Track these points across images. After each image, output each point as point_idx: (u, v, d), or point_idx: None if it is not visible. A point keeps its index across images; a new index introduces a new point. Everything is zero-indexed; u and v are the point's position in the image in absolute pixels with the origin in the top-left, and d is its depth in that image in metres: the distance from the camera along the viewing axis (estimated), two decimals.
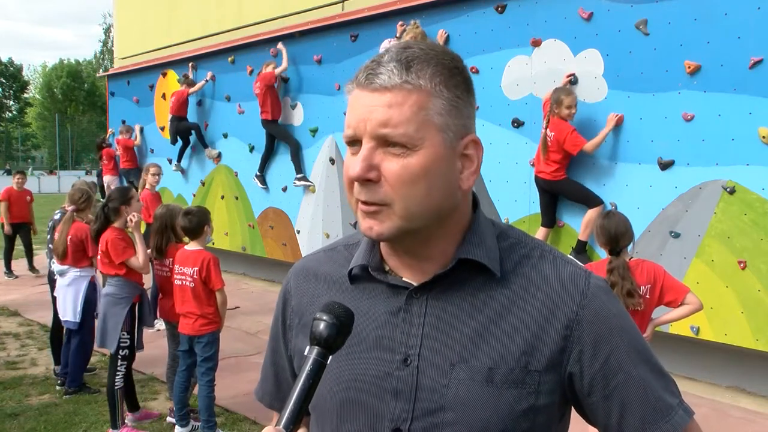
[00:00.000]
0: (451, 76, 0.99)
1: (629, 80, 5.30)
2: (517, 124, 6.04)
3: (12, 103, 67.07)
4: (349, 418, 1.05)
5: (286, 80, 8.45)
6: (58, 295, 5.36)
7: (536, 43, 5.86)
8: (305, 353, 0.93)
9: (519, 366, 1.00)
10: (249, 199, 9.30)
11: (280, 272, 8.88)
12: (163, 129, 10.83)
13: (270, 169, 8.81)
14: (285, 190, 8.62)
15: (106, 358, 5.30)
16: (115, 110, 12.52)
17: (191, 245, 4.39)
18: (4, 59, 64.12)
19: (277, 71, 8.13)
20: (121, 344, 4.45)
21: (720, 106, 4.82)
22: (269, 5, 9.00)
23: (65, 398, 5.19)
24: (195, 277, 4.25)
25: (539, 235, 5.71)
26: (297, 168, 8.23)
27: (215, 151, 9.82)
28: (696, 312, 3.51)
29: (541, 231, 5.75)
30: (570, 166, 5.58)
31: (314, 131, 8.15)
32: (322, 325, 0.93)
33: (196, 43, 10.30)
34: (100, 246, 4.47)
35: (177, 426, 4.45)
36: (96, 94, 61.73)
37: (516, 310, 1.02)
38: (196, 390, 4.54)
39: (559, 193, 5.71)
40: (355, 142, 0.99)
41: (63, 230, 5.17)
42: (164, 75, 10.99)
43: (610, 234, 3.47)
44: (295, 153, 8.22)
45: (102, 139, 12.39)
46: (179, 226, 4.48)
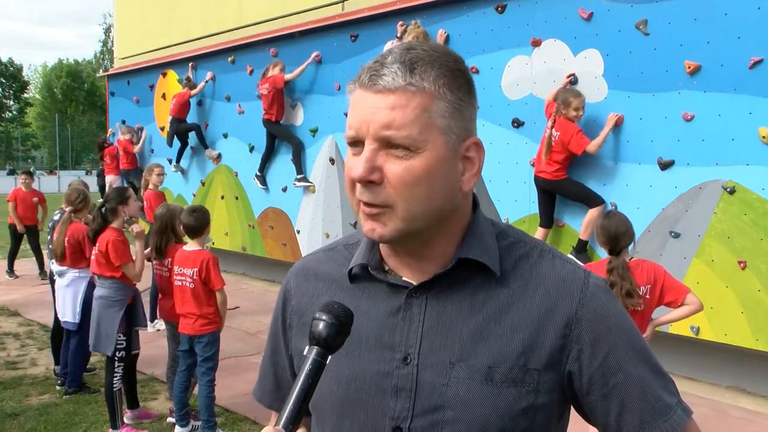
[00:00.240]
0: (455, 78, 0.99)
1: (629, 80, 5.30)
2: (517, 124, 6.04)
3: (12, 103, 67.10)
4: (349, 416, 1.05)
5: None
6: (57, 296, 5.36)
7: (536, 43, 5.86)
8: (304, 353, 0.93)
9: (518, 365, 1.00)
10: (249, 199, 9.30)
11: (280, 272, 8.87)
12: (163, 129, 10.82)
13: (270, 169, 8.81)
14: (285, 190, 8.62)
15: (105, 358, 5.30)
16: (115, 110, 12.52)
17: (190, 245, 4.37)
18: (4, 59, 64.23)
19: (287, 77, 8.04)
20: (118, 346, 4.43)
21: (720, 106, 4.82)
22: (269, 5, 9.00)
23: (65, 398, 5.19)
24: (195, 277, 4.24)
25: (538, 235, 5.71)
26: (298, 168, 8.22)
27: (215, 152, 9.82)
28: (696, 313, 3.51)
29: (540, 231, 5.75)
30: (570, 166, 5.58)
31: (314, 131, 8.15)
32: (322, 325, 0.93)
33: (196, 43, 10.30)
34: (98, 246, 4.44)
35: (177, 426, 4.44)
36: (96, 94, 61.74)
37: (515, 309, 1.03)
38: (196, 390, 4.54)
39: (560, 193, 5.70)
40: (357, 143, 0.99)
41: (60, 231, 5.17)
42: (164, 75, 10.99)
43: (610, 234, 3.47)
44: (298, 153, 8.21)
45: (103, 139, 12.38)
46: (182, 223, 4.43)
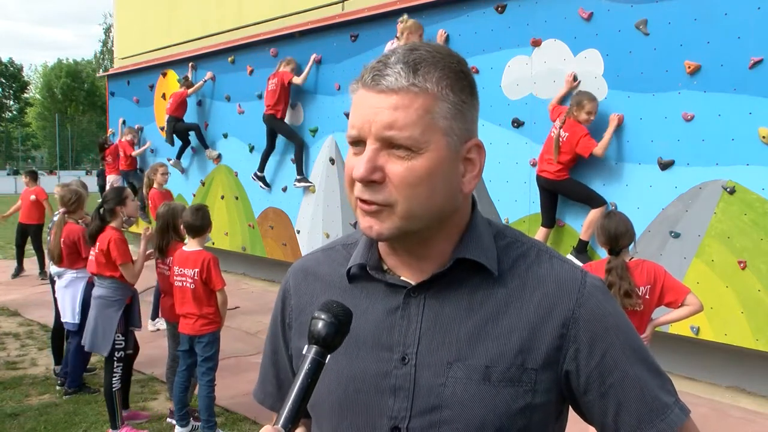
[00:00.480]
0: (458, 79, 0.99)
1: (629, 80, 5.30)
2: (517, 124, 6.04)
3: (12, 103, 67.10)
4: (347, 416, 1.06)
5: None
6: (57, 297, 5.37)
7: (536, 43, 5.86)
8: (303, 352, 0.93)
9: (515, 364, 1.00)
10: (249, 199, 9.30)
11: (280, 272, 8.87)
12: (163, 129, 10.82)
13: (270, 169, 8.79)
14: (285, 190, 8.62)
15: (105, 358, 5.29)
16: (115, 110, 12.52)
17: (190, 245, 4.36)
18: (4, 59, 64.20)
19: (295, 80, 7.94)
20: (116, 346, 4.42)
21: (720, 106, 4.82)
22: (269, 5, 9.00)
23: (65, 398, 5.19)
24: (195, 278, 4.23)
25: (539, 234, 5.71)
26: (298, 169, 8.18)
27: (215, 152, 9.81)
28: (696, 313, 3.51)
29: (542, 231, 5.74)
30: (572, 166, 5.57)
31: (314, 131, 8.15)
32: (320, 324, 0.93)
33: (196, 43, 10.30)
34: (99, 245, 4.42)
35: (177, 426, 4.44)
36: (96, 94, 61.74)
37: (513, 309, 1.03)
38: (196, 390, 4.53)
39: (562, 193, 5.70)
40: (359, 143, 0.99)
41: (56, 233, 5.18)
42: (164, 75, 10.99)
43: (609, 233, 3.47)
44: (300, 153, 8.14)
45: (104, 139, 12.39)
46: (184, 221, 4.40)
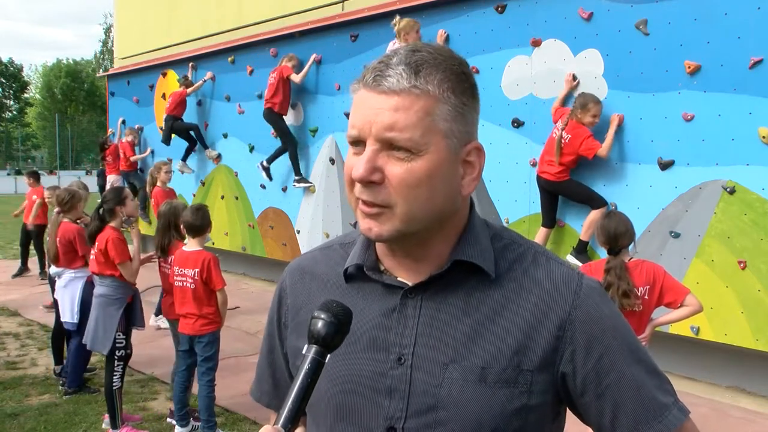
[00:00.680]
0: (459, 82, 0.99)
1: (629, 80, 5.30)
2: (517, 124, 6.04)
3: (12, 103, 67.12)
4: (344, 416, 1.05)
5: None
6: (57, 297, 5.38)
7: (536, 43, 5.86)
8: (303, 352, 0.93)
9: (511, 365, 1.00)
10: (249, 199, 9.30)
11: (280, 272, 8.74)
12: (162, 128, 10.82)
13: (270, 169, 8.76)
14: (285, 190, 8.62)
15: (105, 358, 5.29)
16: (115, 110, 12.52)
17: (190, 245, 4.35)
18: (4, 59, 64.22)
19: (293, 77, 7.91)
20: (117, 345, 4.43)
21: (720, 106, 4.82)
22: (269, 5, 8.99)
23: (65, 398, 5.19)
24: (196, 278, 4.22)
25: (540, 235, 5.71)
26: (296, 170, 8.15)
27: (215, 152, 9.81)
28: (696, 314, 3.51)
29: (542, 231, 5.74)
30: (573, 167, 5.57)
31: (314, 131, 8.15)
32: (320, 324, 0.93)
33: (196, 43, 10.30)
34: (98, 245, 4.44)
35: (177, 426, 4.44)
36: (96, 94, 61.74)
37: (509, 310, 1.03)
38: (196, 390, 4.53)
39: (562, 194, 5.69)
40: (359, 143, 0.99)
41: (51, 233, 5.21)
42: (164, 75, 10.99)
43: (609, 233, 3.47)
44: (294, 153, 8.11)
45: (104, 139, 12.39)
46: (184, 221, 4.40)
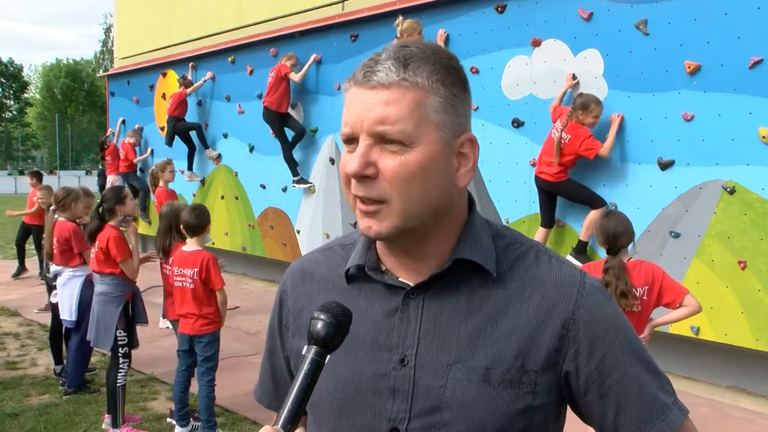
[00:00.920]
0: (448, 74, 0.99)
1: (629, 80, 5.29)
2: (517, 124, 6.04)
3: (12, 103, 67.16)
4: (346, 418, 1.05)
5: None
6: (57, 295, 5.38)
7: (536, 43, 5.85)
8: (303, 353, 0.93)
9: (515, 366, 1.00)
10: (249, 199, 9.30)
11: (280, 272, 8.84)
12: (163, 129, 10.82)
13: (270, 169, 8.78)
14: (285, 190, 8.61)
15: (107, 357, 5.30)
16: (115, 110, 12.52)
17: (189, 245, 4.36)
18: (4, 59, 64.30)
19: (291, 76, 7.88)
20: (119, 342, 4.46)
21: (720, 106, 4.82)
22: (269, 5, 8.99)
23: (65, 398, 5.19)
24: (195, 278, 4.23)
25: (539, 235, 5.71)
26: (293, 171, 8.11)
27: (215, 152, 9.81)
28: (695, 314, 3.50)
29: (541, 231, 5.74)
30: (571, 167, 5.57)
31: (314, 131, 8.15)
32: (320, 325, 0.93)
33: (196, 43, 10.30)
34: (98, 243, 4.45)
35: (177, 426, 4.44)
36: (96, 94, 61.77)
37: (512, 310, 1.02)
38: (196, 390, 4.53)
39: (561, 194, 5.68)
40: (352, 140, 0.99)
41: (48, 231, 5.23)
42: (164, 75, 10.98)
43: (608, 233, 3.47)
44: (287, 154, 8.09)
45: (104, 139, 12.39)
46: (182, 221, 4.41)
